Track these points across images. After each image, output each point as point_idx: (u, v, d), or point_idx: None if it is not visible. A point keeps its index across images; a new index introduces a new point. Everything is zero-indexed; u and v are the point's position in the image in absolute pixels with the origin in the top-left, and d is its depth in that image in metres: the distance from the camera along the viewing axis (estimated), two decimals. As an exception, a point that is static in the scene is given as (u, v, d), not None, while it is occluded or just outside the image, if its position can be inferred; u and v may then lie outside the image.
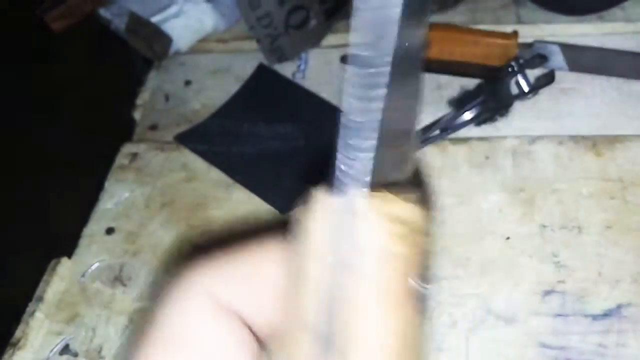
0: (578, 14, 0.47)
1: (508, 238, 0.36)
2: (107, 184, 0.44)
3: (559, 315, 0.32)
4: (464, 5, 0.50)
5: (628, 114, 0.40)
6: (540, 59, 0.41)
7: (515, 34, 0.43)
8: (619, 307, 0.32)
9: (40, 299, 0.38)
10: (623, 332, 0.31)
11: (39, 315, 0.38)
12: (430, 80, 0.44)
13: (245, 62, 0.50)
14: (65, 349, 0.37)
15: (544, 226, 0.36)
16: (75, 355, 0.36)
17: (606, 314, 0.32)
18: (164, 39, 0.49)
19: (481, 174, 0.39)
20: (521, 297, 0.33)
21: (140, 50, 0.51)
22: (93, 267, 0.39)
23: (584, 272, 0.33)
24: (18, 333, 0.37)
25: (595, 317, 0.32)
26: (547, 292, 0.33)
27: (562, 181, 0.37)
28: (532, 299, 0.33)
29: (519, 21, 0.48)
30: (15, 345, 0.37)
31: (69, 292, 0.39)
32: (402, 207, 0.15)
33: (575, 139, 0.39)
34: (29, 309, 0.38)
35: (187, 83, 0.50)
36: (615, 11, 0.47)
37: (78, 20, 0.48)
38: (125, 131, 0.46)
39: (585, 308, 0.32)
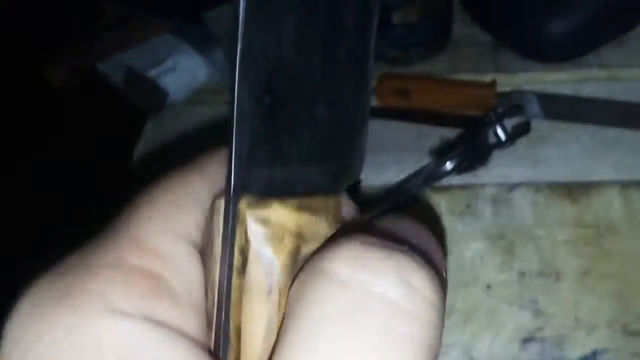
0: (554, 61, 0.49)
1: (489, 286, 0.37)
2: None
3: (538, 361, 0.34)
4: (445, 53, 0.52)
5: (602, 160, 0.42)
6: (517, 108, 0.43)
7: (492, 84, 0.45)
8: (595, 353, 0.34)
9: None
10: (599, 377, 0.33)
11: None
12: (412, 129, 0.46)
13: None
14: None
15: (523, 273, 0.37)
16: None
17: (583, 360, 0.33)
18: (160, 93, 0.52)
19: (463, 222, 0.41)
20: (502, 346, 0.34)
21: (137, 103, 0.53)
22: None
23: (561, 318, 0.35)
24: None
25: (572, 363, 0.33)
26: (527, 340, 0.35)
27: (539, 228, 0.39)
28: (512, 347, 0.34)
29: (497, 69, 0.50)
30: None
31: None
32: (271, 210, 0.15)
33: (552, 186, 0.41)
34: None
35: (183, 135, 0.52)
36: (590, 58, 0.49)
37: (78, 75, 0.51)
38: (123, 185, 0.48)
39: (563, 355, 0.34)
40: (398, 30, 0.49)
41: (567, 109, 0.44)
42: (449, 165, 0.42)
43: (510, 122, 0.43)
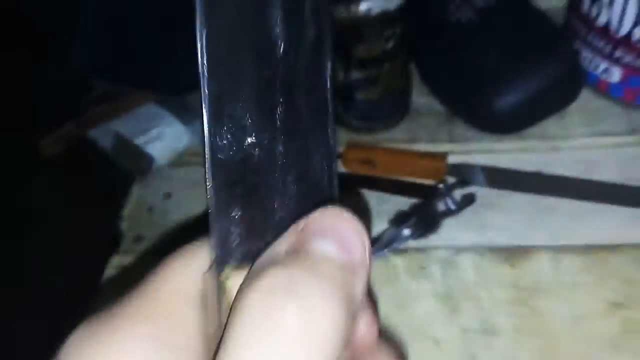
0: (500, 132, 0.55)
1: (437, 341, 0.43)
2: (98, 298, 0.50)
3: (476, 411, 0.39)
4: (405, 122, 0.58)
5: (538, 226, 0.48)
6: (464, 181, 0.49)
7: (444, 156, 0.51)
8: (524, 402, 0.39)
9: None
10: None
11: None
12: (374, 196, 0.52)
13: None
14: None
15: (466, 330, 0.43)
16: None
17: (514, 409, 0.39)
18: (146, 158, 0.57)
19: (417, 282, 0.46)
20: (445, 396, 0.40)
21: (125, 166, 0.58)
22: None
23: (497, 371, 0.41)
24: None
25: (504, 412, 0.39)
26: (467, 391, 0.40)
27: (481, 289, 0.45)
28: (454, 397, 0.40)
29: (451, 139, 0.56)
30: None
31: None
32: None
33: (493, 250, 0.47)
34: None
35: (167, 196, 0.57)
36: (533, 130, 0.55)
37: (70, 144, 0.56)
38: (113, 243, 0.53)
39: (497, 404, 0.39)
40: (361, 106, 0.54)
41: (509, 180, 0.50)
42: (405, 232, 0.47)
43: (458, 193, 0.49)
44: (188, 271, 0.19)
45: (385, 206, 0.51)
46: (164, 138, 0.57)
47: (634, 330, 0.42)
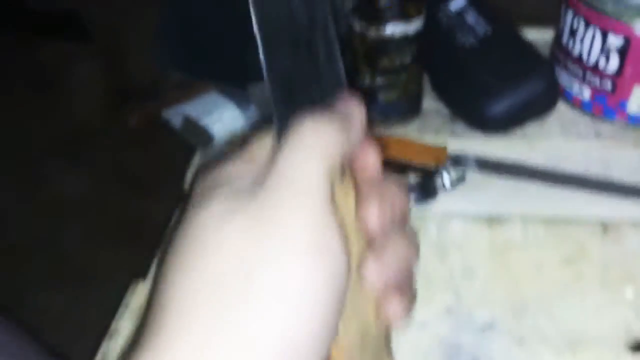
0: (491, 132, 0.69)
1: (430, 281, 0.56)
2: (167, 231, 0.64)
3: None
4: (417, 121, 0.72)
5: (513, 203, 0.61)
6: (459, 166, 0.63)
7: (445, 148, 0.65)
8: (492, 321, 0.52)
9: (127, 305, 0.58)
10: (492, 337, 0.51)
11: (125, 316, 0.58)
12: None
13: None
14: (142, 340, 0.56)
15: (452, 274, 0.56)
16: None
17: None
18: (208, 136, 0.71)
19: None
20: (432, 313, 0.53)
21: (190, 141, 0.72)
22: (160, 289, 0.60)
23: (471, 299, 0.54)
24: (112, 328, 0.57)
25: (476, 327, 0.52)
26: (449, 311, 0.53)
27: (466, 244, 0.58)
28: (439, 314, 0.53)
29: (453, 135, 0.70)
30: (110, 336, 0.57)
31: (145, 304, 0.59)
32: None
33: (476, 217, 0.60)
34: (118, 312, 0.58)
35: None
36: (517, 131, 0.69)
37: (149, 121, 0.70)
38: (179, 196, 0.68)
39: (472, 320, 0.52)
40: (382, 105, 0.69)
41: (493, 167, 0.64)
42: (410, 198, 0.61)
43: (453, 174, 0.63)
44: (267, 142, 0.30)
45: (396, 181, 0.65)
46: (223, 120, 0.71)
47: (582, 279, 0.55)
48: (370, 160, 0.30)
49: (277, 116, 0.29)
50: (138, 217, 1.21)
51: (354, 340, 0.29)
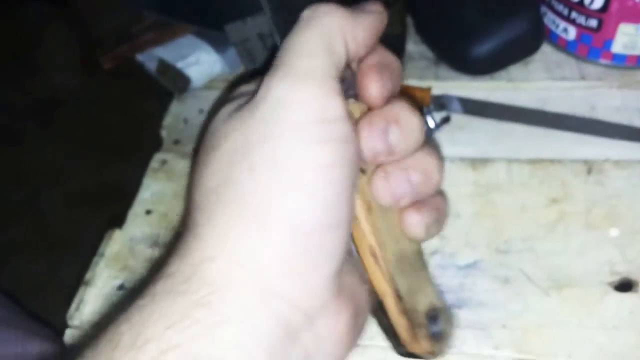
0: (475, 74, 0.67)
1: (413, 220, 0.55)
2: (144, 181, 0.63)
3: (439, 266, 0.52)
4: (401, 64, 0.70)
5: (497, 144, 0.60)
6: (444, 106, 0.62)
7: (429, 89, 0.64)
8: (475, 262, 0.52)
9: (102, 254, 0.57)
10: (476, 277, 0.51)
11: (101, 265, 0.56)
12: (371, 116, 0.64)
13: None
14: (121, 287, 0.55)
15: (436, 213, 0.55)
16: (127, 290, 0.55)
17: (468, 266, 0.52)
18: (185, 79, 0.69)
19: (400, 180, 0.59)
20: (416, 255, 0.52)
21: (166, 86, 0.70)
22: (137, 235, 0.58)
23: (456, 241, 0.53)
24: (87, 276, 0.56)
25: (460, 267, 0.51)
26: (434, 253, 0.53)
27: (450, 186, 0.57)
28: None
29: (436, 78, 0.68)
30: (86, 284, 0.55)
31: (120, 252, 0.57)
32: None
33: (461, 159, 0.59)
34: (94, 261, 0.57)
35: (201, 111, 0.69)
36: (502, 73, 0.68)
37: (122, 63, 0.67)
38: (156, 144, 0.65)
39: (455, 262, 0.52)
40: (364, 45, 0.67)
41: (478, 108, 0.63)
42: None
43: (438, 115, 0.62)
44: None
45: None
46: (201, 63, 0.69)
47: (566, 219, 0.54)
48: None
49: (279, 34, 0.29)
50: (115, 179, 1.18)
51: (391, 261, 0.30)
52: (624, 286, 0.48)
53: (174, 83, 0.69)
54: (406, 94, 0.63)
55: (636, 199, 0.54)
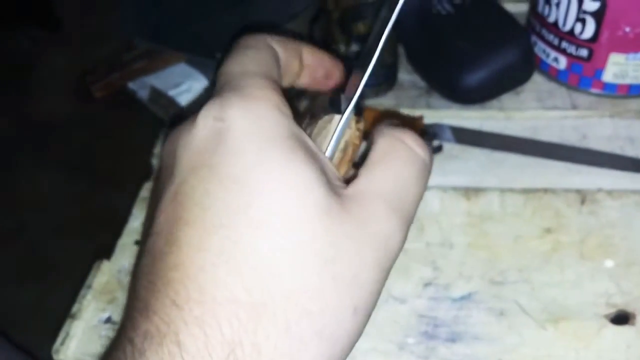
0: (466, 103, 0.67)
1: (406, 252, 0.55)
2: (133, 211, 0.62)
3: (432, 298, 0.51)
4: (392, 92, 0.70)
5: (490, 173, 0.60)
6: (435, 136, 0.62)
7: (421, 117, 0.64)
8: (470, 294, 0.51)
9: (89, 286, 0.56)
10: (471, 309, 0.50)
11: (88, 297, 0.55)
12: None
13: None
14: (108, 320, 0.54)
15: (429, 244, 0.55)
16: (115, 323, 0.54)
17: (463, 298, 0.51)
18: (177, 107, 0.68)
19: (393, 210, 0.58)
20: (411, 287, 0.52)
21: (157, 113, 0.69)
22: (126, 266, 0.57)
23: (450, 273, 0.53)
24: (74, 309, 0.54)
25: (454, 300, 0.51)
26: (427, 284, 0.52)
27: (443, 215, 0.57)
28: (418, 288, 0.52)
29: (428, 106, 0.68)
30: (72, 317, 0.54)
31: (108, 283, 0.56)
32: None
33: (454, 188, 0.59)
34: (81, 293, 0.55)
35: (191, 140, 0.68)
36: (493, 102, 0.68)
37: (114, 91, 0.67)
38: (147, 172, 0.65)
39: (449, 294, 0.51)
40: (356, 74, 0.67)
41: (470, 137, 0.63)
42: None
43: (429, 144, 0.61)
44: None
45: (371, 153, 0.63)
46: (192, 91, 0.68)
47: (561, 250, 0.54)
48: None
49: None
50: (105, 208, 1.17)
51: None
52: (621, 319, 0.48)
53: (166, 111, 0.68)
54: (405, 123, 0.63)
55: (630, 229, 0.54)
